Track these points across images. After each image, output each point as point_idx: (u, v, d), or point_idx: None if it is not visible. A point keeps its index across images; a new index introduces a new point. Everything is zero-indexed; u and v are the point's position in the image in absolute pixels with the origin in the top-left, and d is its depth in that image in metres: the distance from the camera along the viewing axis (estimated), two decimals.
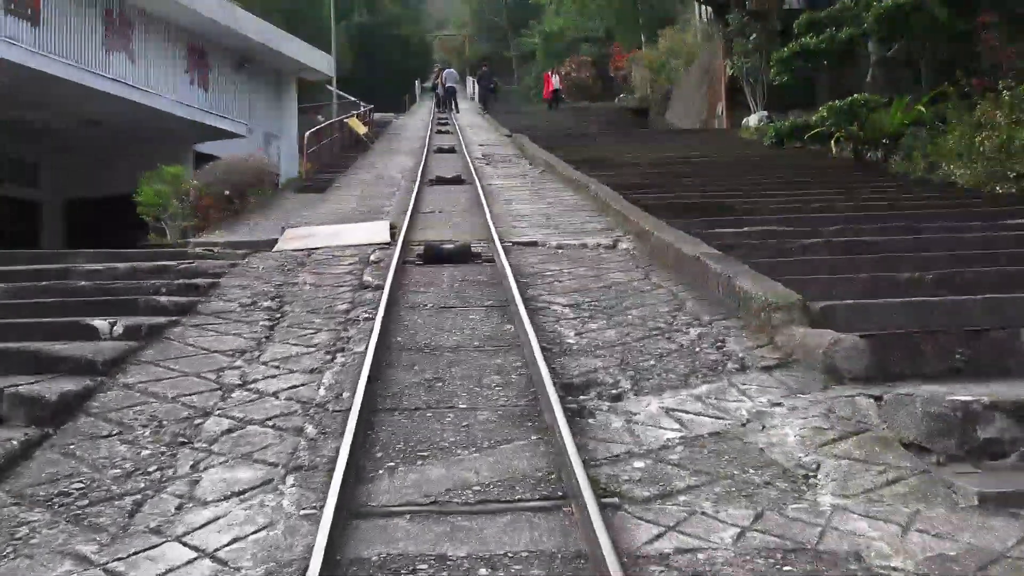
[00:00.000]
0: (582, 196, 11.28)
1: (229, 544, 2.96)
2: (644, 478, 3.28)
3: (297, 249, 8.64)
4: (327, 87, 27.77)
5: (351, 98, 28.09)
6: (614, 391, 4.21)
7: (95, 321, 5.76)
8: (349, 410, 3.96)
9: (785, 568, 2.67)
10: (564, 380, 4.37)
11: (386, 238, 8.74)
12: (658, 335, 5.07)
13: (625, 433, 3.71)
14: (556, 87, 32.43)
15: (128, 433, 4.09)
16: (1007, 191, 9.07)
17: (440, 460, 3.51)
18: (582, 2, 35.81)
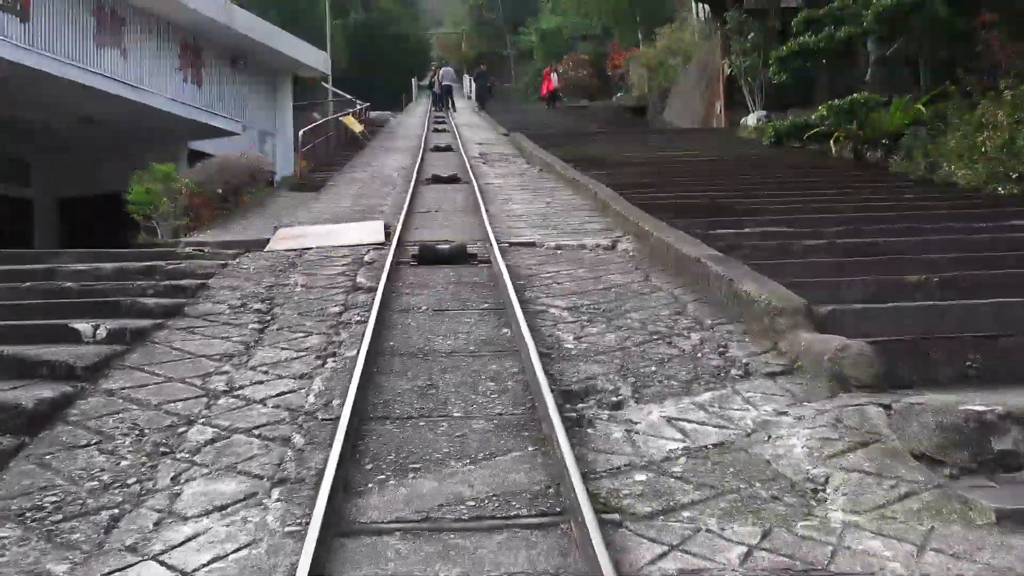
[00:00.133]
0: (580, 195, 11.14)
1: (209, 564, 2.81)
2: (646, 492, 3.13)
3: (289, 249, 8.51)
4: (323, 85, 27.61)
5: (347, 96, 27.95)
6: (614, 399, 4.07)
7: (78, 324, 5.64)
8: (338, 419, 3.82)
9: None
10: (562, 387, 4.22)
11: (381, 238, 8.60)
12: (659, 340, 4.93)
13: (626, 444, 3.56)
14: (556, 85, 32.19)
15: (108, 442, 3.94)
16: (1009, 192, 8.95)
17: (433, 473, 3.36)
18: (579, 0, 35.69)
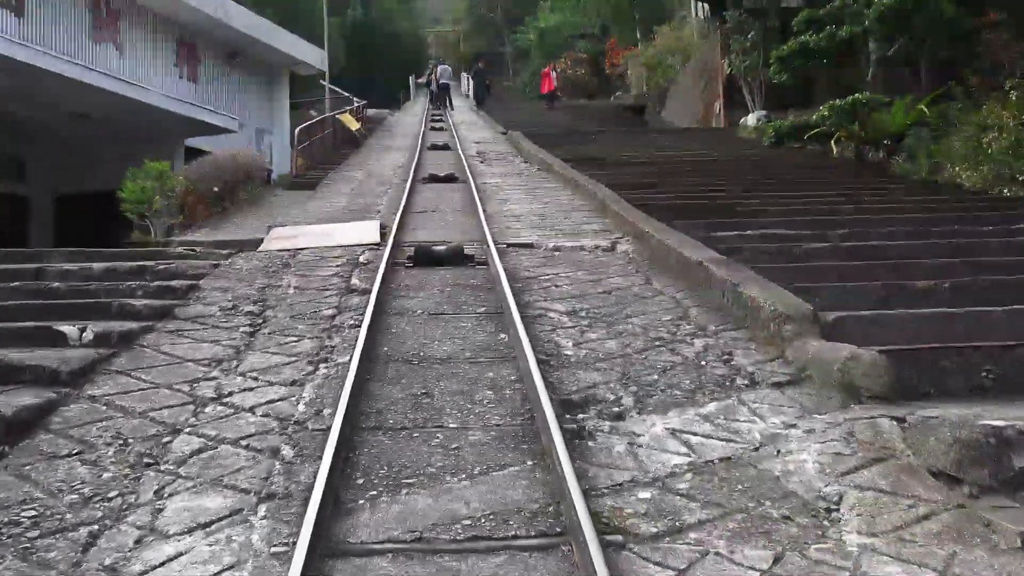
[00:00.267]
0: (579, 196, 10.99)
1: None
2: (650, 511, 2.98)
3: (283, 249, 8.37)
4: (320, 82, 27.44)
5: (345, 94, 27.81)
6: (616, 409, 3.92)
7: (64, 327, 5.51)
8: (329, 429, 3.67)
9: None
10: (562, 396, 4.07)
11: (376, 239, 8.45)
12: (661, 346, 4.78)
13: (628, 458, 3.41)
14: (555, 85, 31.94)
15: (90, 453, 3.80)
16: (1016, 194, 8.81)
17: (427, 488, 3.21)
18: None
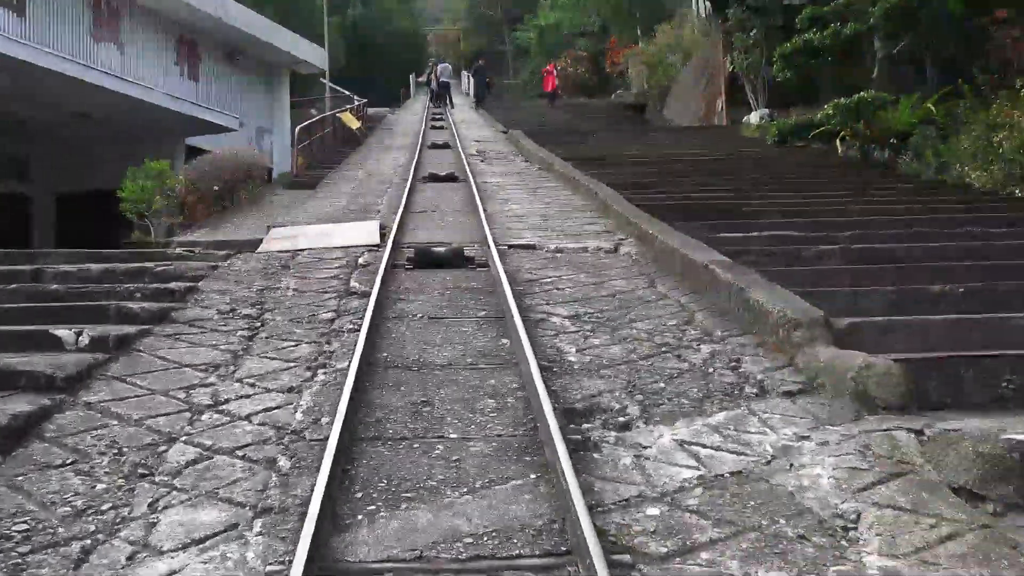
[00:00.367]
0: (581, 195, 10.88)
1: None
2: (659, 529, 2.87)
3: (282, 250, 8.27)
4: (321, 81, 27.32)
5: (345, 92, 27.71)
6: (621, 419, 3.80)
7: (60, 331, 5.43)
8: (327, 439, 3.56)
9: None
10: (565, 405, 3.96)
11: (376, 239, 8.35)
12: (667, 352, 4.67)
13: (635, 471, 3.30)
14: (557, 83, 31.78)
15: (84, 462, 3.70)
16: None
17: (427, 503, 3.10)
18: None
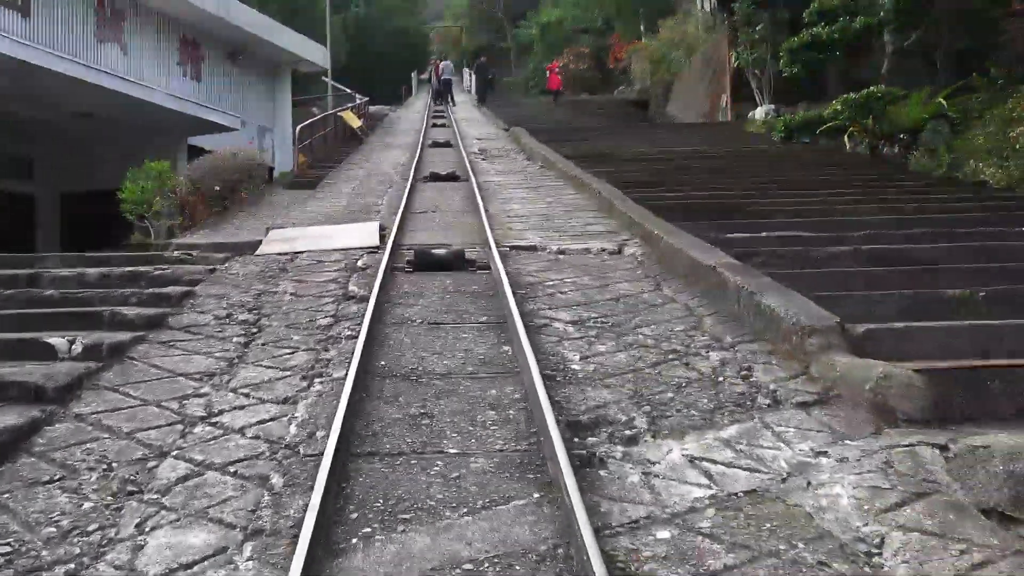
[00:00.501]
0: (583, 194, 10.72)
1: None
2: (671, 555, 2.71)
3: (281, 253, 8.14)
4: (323, 79, 27.17)
5: (347, 90, 27.56)
6: (628, 432, 3.64)
7: (53, 338, 5.33)
8: (322, 455, 3.42)
9: None
10: (570, 417, 3.81)
11: (375, 241, 8.20)
12: (675, 360, 4.51)
13: (644, 490, 3.14)
14: (560, 81, 31.56)
15: (72, 478, 3.57)
16: None
17: (425, 525, 2.95)
18: None
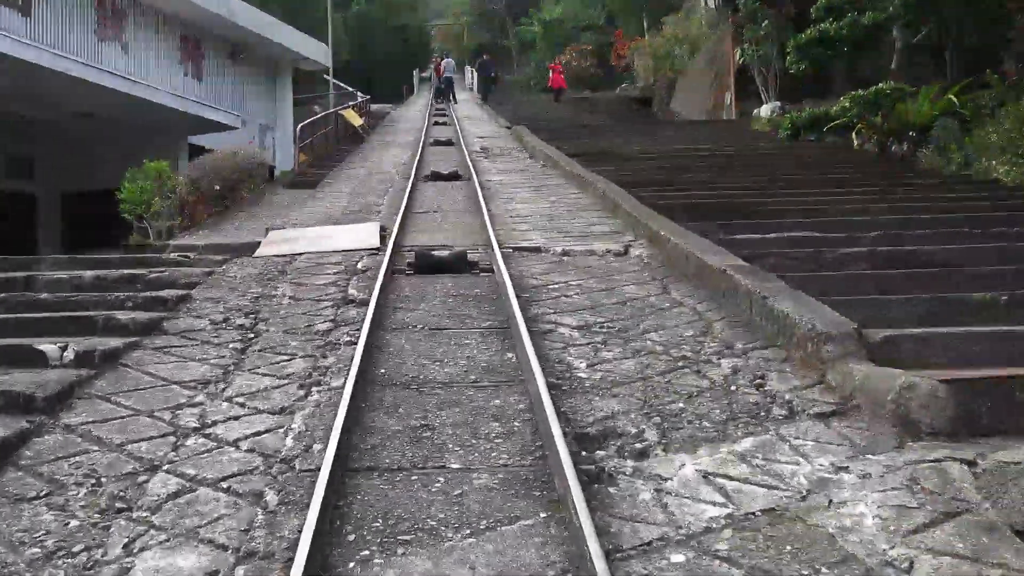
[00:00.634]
0: (587, 194, 10.56)
1: None
2: None
3: (280, 255, 7.99)
4: (324, 77, 27.01)
5: (348, 88, 27.41)
6: (638, 445, 3.49)
7: (44, 345, 5.19)
8: (318, 470, 3.27)
9: None
10: (577, 429, 3.65)
11: (375, 243, 8.05)
12: (685, 368, 4.35)
13: (656, 508, 2.98)
14: (563, 79, 31.36)
15: (59, 494, 3.42)
16: None
17: (426, 548, 2.80)
18: None
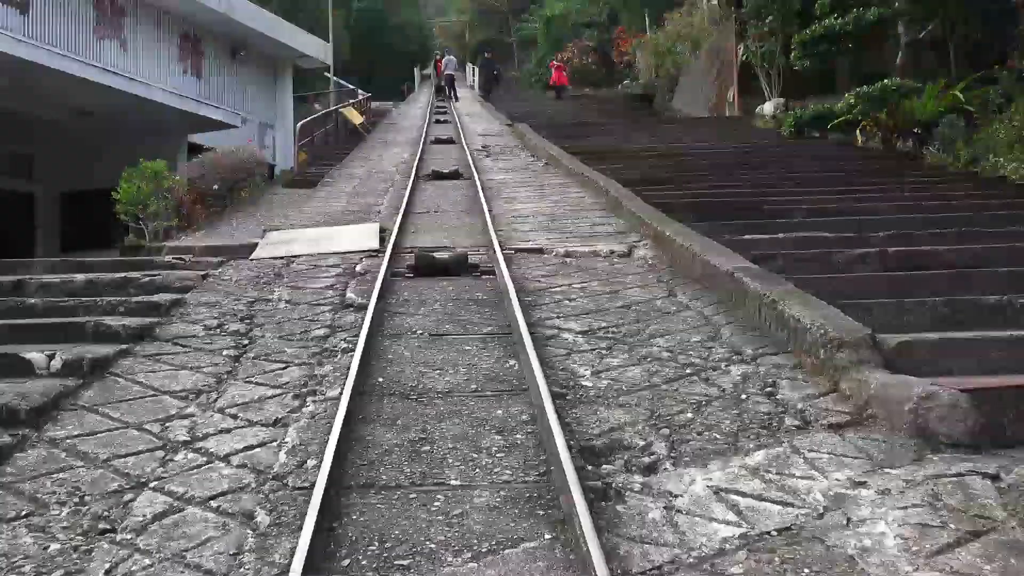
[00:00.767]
0: (590, 193, 10.41)
1: None
2: None
3: (277, 257, 7.86)
4: (325, 75, 26.86)
5: (349, 86, 27.27)
6: (646, 459, 3.34)
7: (31, 353, 5.04)
8: (312, 488, 3.13)
9: None
10: (582, 442, 3.51)
11: (375, 244, 7.91)
12: (693, 375, 4.20)
13: (666, 528, 2.84)
14: (566, 77, 31.18)
15: (40, 514, 3.28)
16: None
17: (425, 573, 2.65)
18: None
